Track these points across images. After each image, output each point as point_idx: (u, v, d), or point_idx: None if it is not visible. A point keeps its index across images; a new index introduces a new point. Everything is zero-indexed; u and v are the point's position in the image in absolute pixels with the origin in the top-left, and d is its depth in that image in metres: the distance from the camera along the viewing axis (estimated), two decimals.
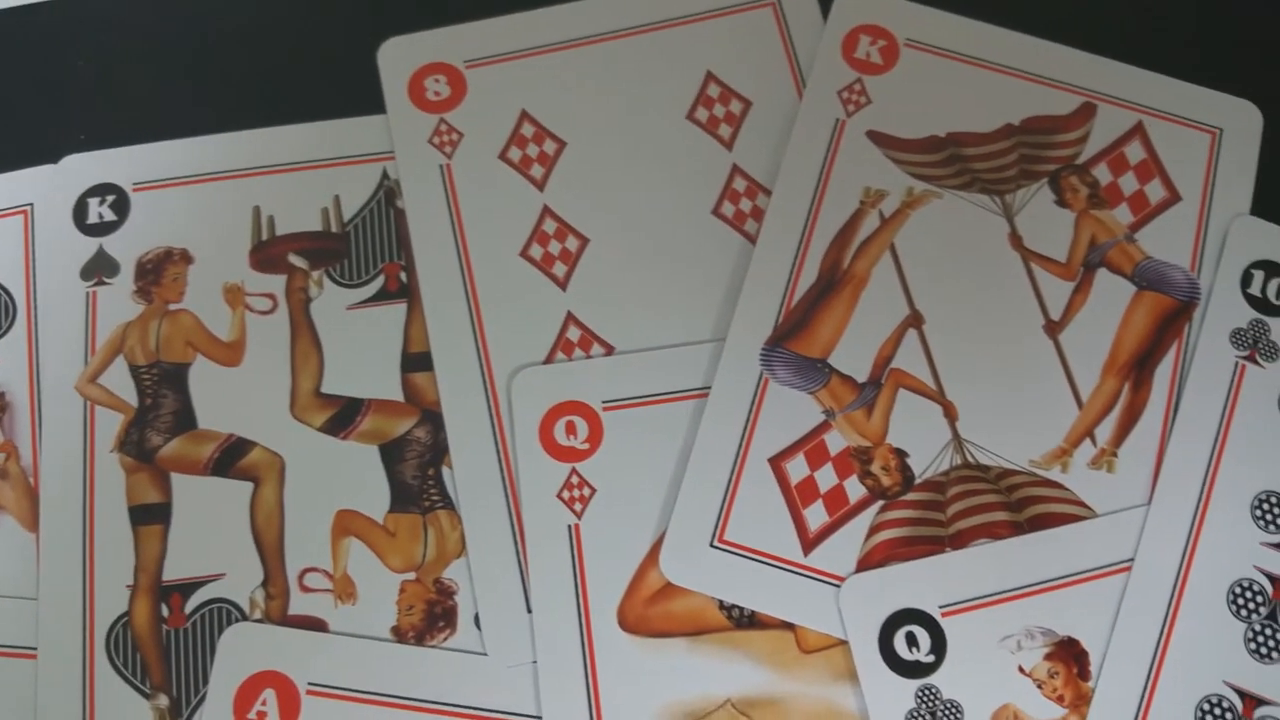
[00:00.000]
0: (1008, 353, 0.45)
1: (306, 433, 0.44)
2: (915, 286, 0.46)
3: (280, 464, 0.44)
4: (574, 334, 0.45)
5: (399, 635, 0.41)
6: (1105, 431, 0.44)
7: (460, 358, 0.44)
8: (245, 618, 0.42)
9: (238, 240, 0.47)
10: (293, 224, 0.47)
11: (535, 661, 0.40)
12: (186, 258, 0.47)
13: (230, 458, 0.44)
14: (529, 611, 0.41)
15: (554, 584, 0.41)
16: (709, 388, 0.44)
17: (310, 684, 0.41)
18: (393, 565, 0.42)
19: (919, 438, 0.44)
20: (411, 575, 0.42)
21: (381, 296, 0.46)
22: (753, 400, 0.44)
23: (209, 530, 0.43)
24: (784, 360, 0.44)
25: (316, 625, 0.42)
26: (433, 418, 0.44)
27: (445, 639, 0.41)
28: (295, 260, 0.46)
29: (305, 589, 0.42)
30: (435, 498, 0.43)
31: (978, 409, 0.44)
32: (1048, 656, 0.41)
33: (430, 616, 0.42)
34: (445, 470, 0.43)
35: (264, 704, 0.41)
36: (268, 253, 0.47)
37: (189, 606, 0.42)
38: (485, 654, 0.41)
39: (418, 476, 0.43)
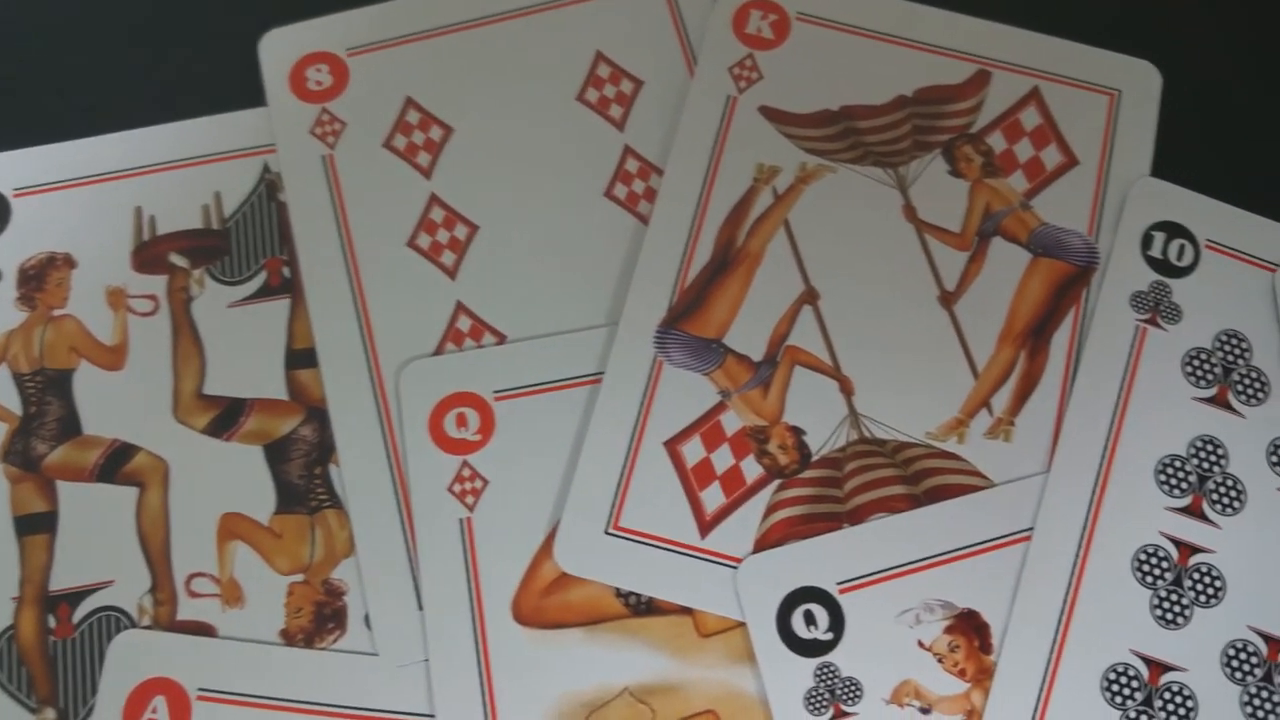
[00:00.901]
0: (903, 325, 0.44)
1: (190, 435, 0.43)
2: (810, 262, 0.45)
3: (164, 468, 0.43)
4: (464, 324, 0.44)
5: (288, 638, 0.40)
6: (1002, 401, 0.43)
7: (346, 352, 0.43)
8: (134, 625, 0.41)
9: (120, 242, 0.46)
10: (174, 223, 0.46)
11: (427, 660, 0.40)
12: (70, 262, 0.46)
13: (115, 464, 0.43)
14: (420, 609, 0.40)
15: (445, 580, 0.40)
16: (603, 373, 0.43)
17: (200, 689, 0.40)
18: (279, 567, 0.41)
19: (815, 414, 0.43)
20: (299, 577, 0.41)
21: (264, 292, 0.45)
22: (647, 384, 0.43)
23: (96, 537, 0.42)
24: (678, 342, 0.43)
25: (205, 630, 0.41)
26: (318, 415, 0.43)
27: (335, 640, 0.40)
28: (176, 260, 0.45)
29: (193, 594, 0.41)
30: (322, 497, 0.42)
31: (874, 383, 0.43)
32: (948, 630, 0.41)
33: (319, 618, 0.41)
34: (333, 468, 0.42)
35: (154, 711, 0.40)
36: (149, 253, 0.46)
37: (77, 616, 0.41)
38: (376, 654, 0.40)
39: (304, 476, 0.42)
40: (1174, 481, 0.43)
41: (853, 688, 0.40)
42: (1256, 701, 0.40)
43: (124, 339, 0.45)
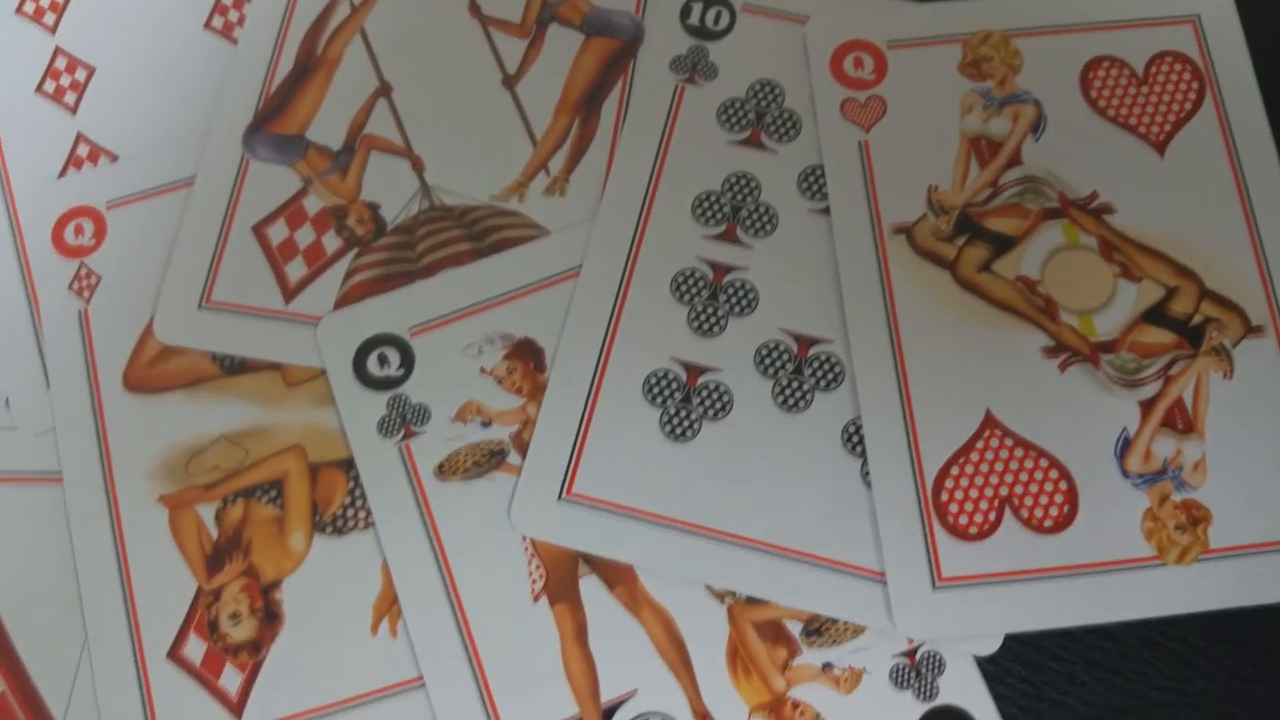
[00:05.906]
0: (469, 107, 0.50)
1: None
2: (384, 61, 0.50)
3: None
4: (83, 150, 0.50)
5: None
6: (558, 163, 0.49)
7: None
8: None
9: None
10: None
11: (54, 428, 0.46)
12: None
13: None
14: (48, 388, 0.47)
15: (67, 363, 0.47)
16: None
17: None
18: None
19: (390, 191, 0.49)
20: None
21: None
22: (235, 179, 0.49)
23: None
24: (263, 140, 0.49)
25: None
26: None
27: None
28: None
29: None
30: None
31: (443, 159, 0.49)
32: (506, 356, 0.46)
33: None
34: None
35: None
36: None
37: None
38: (15, 428, 0.47)
39: None
40: (709, 214, 0.48)
41: (421, 412, 0.46)
42: (788, 392, 0.46)
43: None
